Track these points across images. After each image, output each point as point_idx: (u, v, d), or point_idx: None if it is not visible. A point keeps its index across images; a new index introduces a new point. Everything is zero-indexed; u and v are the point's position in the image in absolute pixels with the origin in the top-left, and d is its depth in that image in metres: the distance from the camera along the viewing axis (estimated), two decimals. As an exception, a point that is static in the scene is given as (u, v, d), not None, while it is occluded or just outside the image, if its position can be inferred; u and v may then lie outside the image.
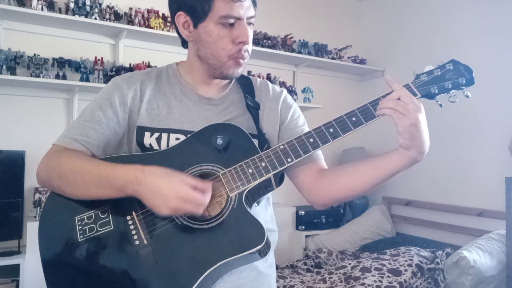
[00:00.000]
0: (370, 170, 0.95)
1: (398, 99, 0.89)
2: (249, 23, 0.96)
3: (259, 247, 0.84)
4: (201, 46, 0.97)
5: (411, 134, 0.87)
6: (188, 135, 0.97)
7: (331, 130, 0.92)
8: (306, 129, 1.08)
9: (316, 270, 2.80)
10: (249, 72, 3.19)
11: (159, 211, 0.84)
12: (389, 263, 2.39)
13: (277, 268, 2.81)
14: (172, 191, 0.82)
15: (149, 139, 0.98)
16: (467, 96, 0.94)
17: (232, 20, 0.92)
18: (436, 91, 0.94)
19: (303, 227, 3.16)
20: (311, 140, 0.92)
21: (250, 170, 0.91)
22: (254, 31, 3.18)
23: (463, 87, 0.94)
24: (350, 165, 1.00)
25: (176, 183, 0.83)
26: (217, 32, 0.93)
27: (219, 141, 0.93)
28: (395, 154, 0.92)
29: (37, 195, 2.37)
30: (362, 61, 3.62)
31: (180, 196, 0.82)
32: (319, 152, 1.04)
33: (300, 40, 3.42)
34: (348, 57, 3.61)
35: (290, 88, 3.28)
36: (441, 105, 0.96)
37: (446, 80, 0.94)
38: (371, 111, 0.92)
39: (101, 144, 0.97)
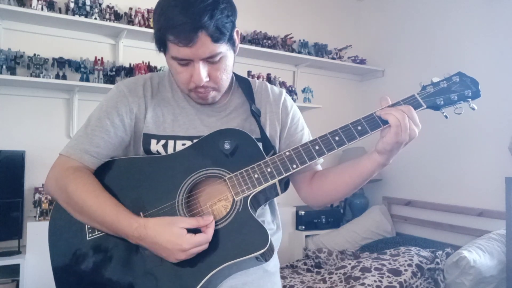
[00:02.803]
0: (347, 178, 0.99)
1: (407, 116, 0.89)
2: (211, 61, 0.91)
3: (262, 251, 0.85)
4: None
5: (393, 148, 0.90)
6: (195, 140, 0.98)
7: (337, 138, 0.93)
8: (306, 133, 1.10)
9: (316, 270, 2.80)
10: (249, 72, 3.19)
11: (167, 260, 0.87)
12: (389, 263, 2.39)
13: (277, 268, 2.81)
14: (175, 246, 0.84)
15: (155, 146, 0.98)
16: (473, 109, 0.94)
17: (183, 62, 0.91)
18: (442, 102, 0.94)
19: (303, 227, 3.16)
20: (317, 147, 0.93)
21: (256, 175, 0.92)
22: (254, 31, 3.18)
23: (469, 100, 0.95)
24: (332, 171, 1.03)
25: (178, 236, 0.84)
26: (174, 67, 0.93)
27: (226, 146, 0.94)
28: (367, 161, 0.95)
29: (37, 195, 2.36)
30: (362, 61, 3.62)
31: (184, 249, 0.84)
32: (319, 160, 1.05)
33: (300, 40, 3.42)
34: (348, 57, 3.61)
35: (290, 88, 3.28)
36: (446, 117, 0.96)
37: (452, 92, 0.95)
38: (377, 120, 0.92)
39: (109, 152, 0.98)
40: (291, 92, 3.27)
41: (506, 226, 2.26)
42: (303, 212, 3.15)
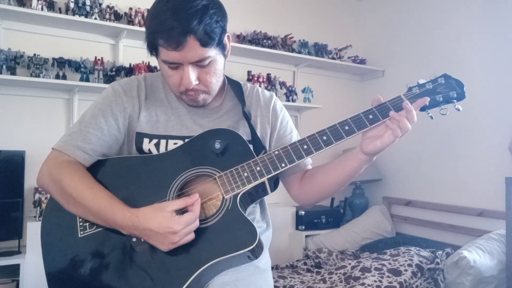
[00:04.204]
0: (335, 177, 1.03)
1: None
2: (200, 65, 0.94)
3: (250, 247, 0.87)
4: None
5: (385, 148, 0.94)
6: (187, 140, 0.99)
7: (324, 137, 0.96)
8: (295, 135, 1.13)
9: (316, 270, 2.80)
10: (249, 72, 3.19)
11: (162, 248, 0.88)
12: (389, 263, 2.39)
13: (277, 268, 2.81)
14: (166, 229, 0.85)
15: (147, 145, 1.00)
16: (458, 110, 0.97)
17: (173, 65, 0.93)
18: (427, 103, 0.97)
19: (303, 227, 3.15)
20: (305, 146, 0.96)
21: (245, 174, 0.94)
22: (254, 31, 3.18)
23: (454, 101, 0.98)
24: (320, 171, 1.06)
25: (167, 220, 0.85)
26: (165, 70, 0.96)
27: (217, 146, 0.95)
28: (352, 161, 0.99)
29: (37, 195, 2.37)
30: (362, 61, 3.62)
31: (175, 231, 0.85)
32: (308, 160, 1.08)
33: (300, 40, 3.42)
34: (348, 57, 3.61)
35: (290, 88, 3.28)
36: (431, 117, 0.99)
37: (437, 94, 0.98)
38: (364, 120, 0.95)
39: (102, 150, 0.99)
40: (291, 92, 3.27)
41: (506, 226, 2.26)
42: (303, 212, 3.15)
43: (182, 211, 0.89)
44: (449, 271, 2.30)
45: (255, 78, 3.13)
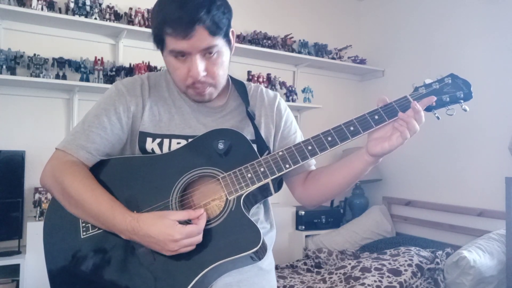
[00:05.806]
0: (340, 178, 1.02)
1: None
2: (209, 53, 0.93)
3: (254, 249, 0.86)
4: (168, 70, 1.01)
5: (393, 150, 0.93)
6: (190, 140, 0.99)
7: (329, 138, 0.95)
8: (299, 136, 1.12)
9: (316, 270, 2.80)
10: (249, 72, 3.19)
11: (160, 253, 0.87)
12: (389, 263, 2.39)
13: (277, 268, 2.81)
14: (166, 237, 0.84)
15: (151, 145, 0.99)
16: (465, 110, 0.96)
17: (180, 56, 0.92)
18: (434, 104, 0.96)
19: (303, 227, 3.16)
20: (310, 147, 0.95)
21: (249, 175, 0.93)
22: (254, 31, 3.18)
23: (461, 101, 0.96)
24: (324, 172, 1.05)
25: (169, 227, 0.85)
26: (172, 63, 0.95)
27: (220, 146, 0.94)
28: (358, 162, 0.98)
29: (37, 195, 2.37)
30: (362, 61, 3.62)
31: (175, 239, 0.84)
32: (312, 160, 1.07)
33: (300, 40, 3.42)
34: (348, 57, 3.61)
35: (290, 88, 3.28)
36: (438, 118, 0.98)
37: (444, 94, 0.97)
38: (369, 121, 0.94)
39: (106, 149, 0.98)
40: (291, 92, 3.27)
41: (506, 226, 2.26)
42: (303, 212, 3.15)
43: (186, 224, 0.88)
44: (449, 271, 2.30)
45: (255, 78, 3.13)
